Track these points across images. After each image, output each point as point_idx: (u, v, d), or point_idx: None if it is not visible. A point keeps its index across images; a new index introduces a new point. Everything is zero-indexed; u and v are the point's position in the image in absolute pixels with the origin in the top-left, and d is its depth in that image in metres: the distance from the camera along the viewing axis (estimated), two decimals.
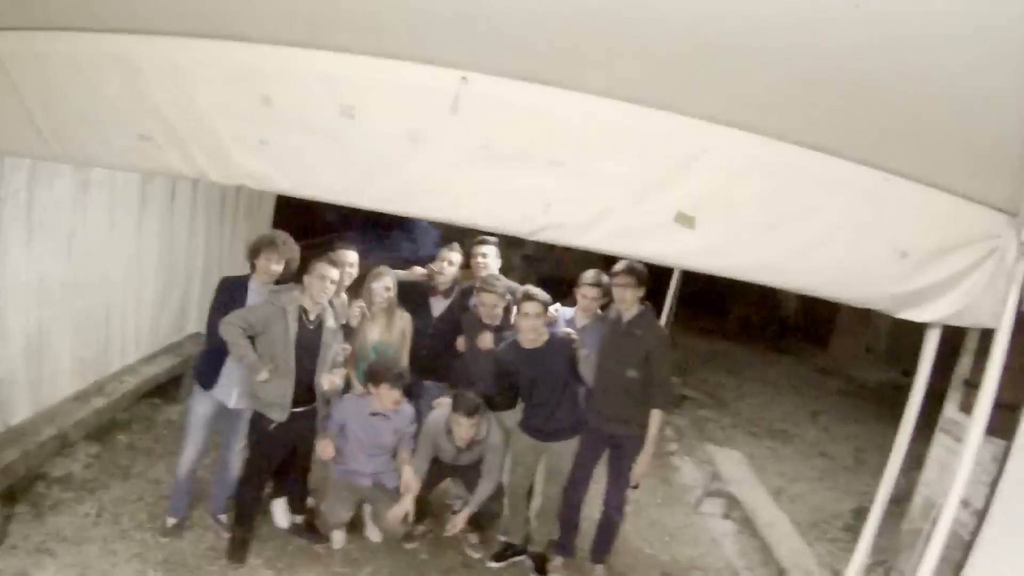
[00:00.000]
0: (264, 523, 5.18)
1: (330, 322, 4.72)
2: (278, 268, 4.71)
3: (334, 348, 4.78)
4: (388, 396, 4.80)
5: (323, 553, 5.10)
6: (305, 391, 4.69)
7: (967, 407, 5.98)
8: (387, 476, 5.06)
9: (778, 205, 3.25)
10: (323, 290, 4.54)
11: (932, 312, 3.52)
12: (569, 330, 5.04)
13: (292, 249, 4.82)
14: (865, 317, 13.20)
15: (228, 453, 4.93)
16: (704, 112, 3.02)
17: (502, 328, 5.31)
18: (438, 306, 5.61)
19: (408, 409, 5.07)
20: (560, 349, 4.90)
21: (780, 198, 3.24)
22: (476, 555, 5.38)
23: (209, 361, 4.73)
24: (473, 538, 5.45)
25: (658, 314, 5.61)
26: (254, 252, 4.74)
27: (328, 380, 4.75)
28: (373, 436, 4.97)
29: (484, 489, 5.03)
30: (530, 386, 5.00)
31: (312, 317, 4.61)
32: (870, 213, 3.29)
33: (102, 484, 5.31)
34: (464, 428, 4.78)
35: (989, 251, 3.33)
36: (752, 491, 6.34)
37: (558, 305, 5.44)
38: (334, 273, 4.57)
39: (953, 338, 4.25)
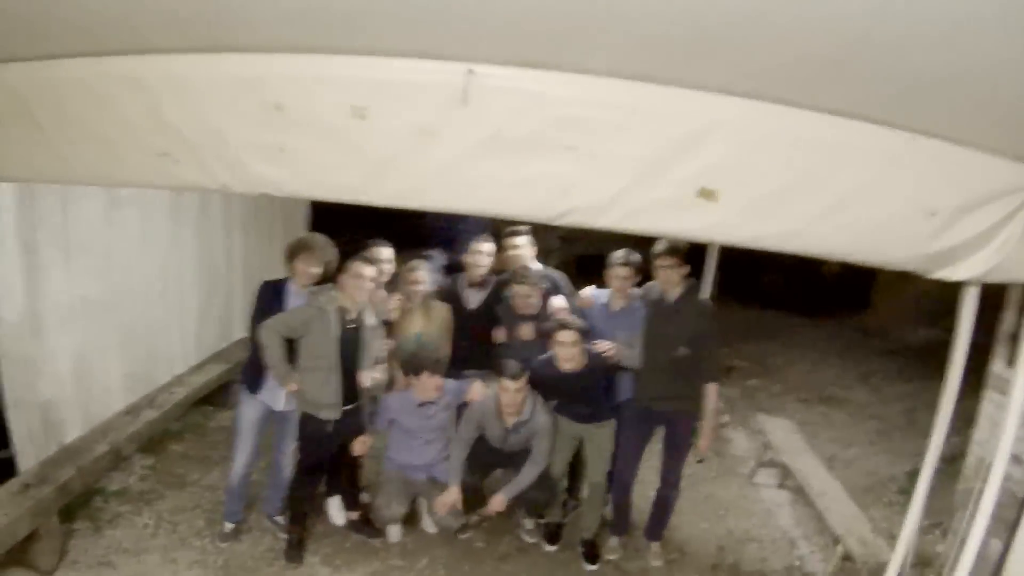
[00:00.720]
0: (320, 522, 5.30)
1: (370, 320, 4.77)
2: (317, 271, 4.75)
3: (376, 345, 4.83)
4: (429, 383, 4.88)
5: (380, 547, 5.20)
6: (350, 390, 4.75)
7: (1014, 362, 5.88)
8: (439, 469, 5.15)
9: (798, 172, 3.20)
10: (359, 288, 4.58)
11: (966, 270, 3.45)
12: (606, 345, 4.98)
13: (330, 251, 4.88)
14: (906, 277, 12.82)
15: (279, 455, 5.03)
16: (714, 84, 2.98)
17: (540, 317, 5.32)
18: (474, 298, 5.62)
19: (452, 385, 5.13)
20: (598, 368, 4.92)
21: (799, 165, 3.19)
22: (531, 540, 5.44)
23: (255, 365, 4.78)
24: (528, 524, 5.50)
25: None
26: (291, 255, 4.79)
27: (368, 376, 4.80)
28: (424, 423, 5.06)
29: (530, 471, 5.03)
30: (568, 398, 5.08)
31: (352, 316, 4.65)
32: (893, 174, 3.23)
33: (158, 495, 5.46)
34: (511, 394, 4.80)
35: (1019, 204, 3.27)
36: (803, 459, 6.28)
37: (593, 287, 5.43)
38: (370, 271, 4.61)
39: (997, 294, 4.16)
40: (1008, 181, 3.25)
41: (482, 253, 5.55)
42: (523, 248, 5.66)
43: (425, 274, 5.30)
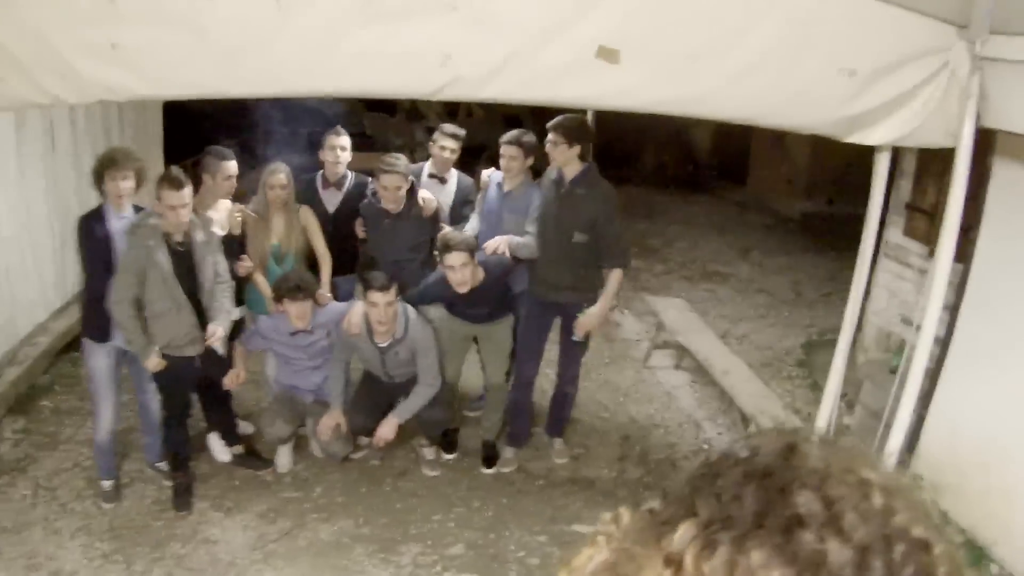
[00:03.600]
0: (205, 461, 4.83)
1: (199, 236, 4.19)
2: (128, 185, 4.12)
3: (209, 262, 4.25)
4: (294, 312, 4.41)
5: (271, 480, 4.78)
6: (197, 315, 4.24)
7: (912, 231, 5.87)
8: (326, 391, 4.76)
9: (706, 31, 2.97)
10: (177, 219, 4.00)
11: (883, 133, 3.35)
12: (496, 242, 4.61)
13: (135, 158, 4.23)
14: (781, 149, 13.03)
15: (145, 397, 4.51)
16: None
17: (405, 215, 4.85)
18: (332, 200, 5.13)
19: (333, 308, 4.69)
20: (497, 273, 4.55)
21: (709, 23, 2.95)
22: (432, 473, 4.97)
23: (96, 313, 4.16)
24: (428, 453, 5.03)
25: None
26: (98, 177, 4.12)
27: (212, 330, 4.28)
28: (301, 354, 4.65)
29: (421, 393, 4.62)
30: (464, 306, 4.74)
31: (179, 239, 4.11)
32: (810, 32, 3.04)
33: (33, 459, 4.83)
34: (380, 309, 4.29)
35: (940, 66, 3.14)
36: (700, 338, 6.12)
37: (492, 170, 5.12)
38: (178, 197, 3.96)
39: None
40: (930, 41, 3.12)
41: (338, 148, 5.01)
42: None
43: (286, 177, 4.73)
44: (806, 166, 12.67)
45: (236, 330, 4.77)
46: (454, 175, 5.34)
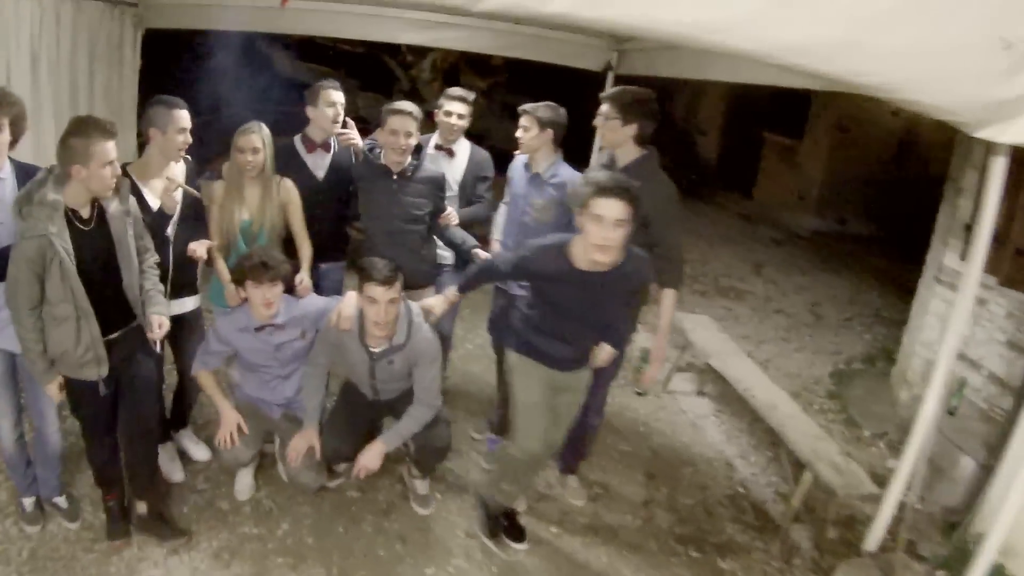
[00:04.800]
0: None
1: (112, 206, 3.14)
2: (3, 138, 3.00)
3: (128, 241, 3.20)
4: (257, 298, 3.48)
5: (227, 509, 3.86)
6: (114, 311, 3.20)
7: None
8: (299, 404, 3.86)
9: None
10: (102, 184, 3.00)
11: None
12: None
13: (11, 100, 3.01)
14: (793, 163, 12.44)
15: (41, 421, 3.45)
16: None
17: (410, 176, 4.01)
18: (319, 164, 4.23)
19: (312, 302, 3.79)
20: (637, 271, 3.33)
21: None
22: (424, 511, 4.04)
23: None
24: (420, 486, 4.11)
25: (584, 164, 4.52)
26: None
27: (156, 323, 3.30)
28: (269, 359, 3.72)
29: (415, 417, 3.72)
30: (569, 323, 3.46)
31: (86, 215, 3.06)
32: None
33: None
34: (380, 306, 3.38)
35: None
36: (737, 364, 5.26)
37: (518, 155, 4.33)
38: (109, 149, 2.95)
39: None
40: None
41: (338, 105, 4.14)
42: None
43: (260, 139, 3.79)
44: (818, 182, 12.09)
45: (186, 329, 3.84)
46: (464, 146, 4.50)
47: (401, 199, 3.99)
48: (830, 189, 11.98)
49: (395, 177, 3.97)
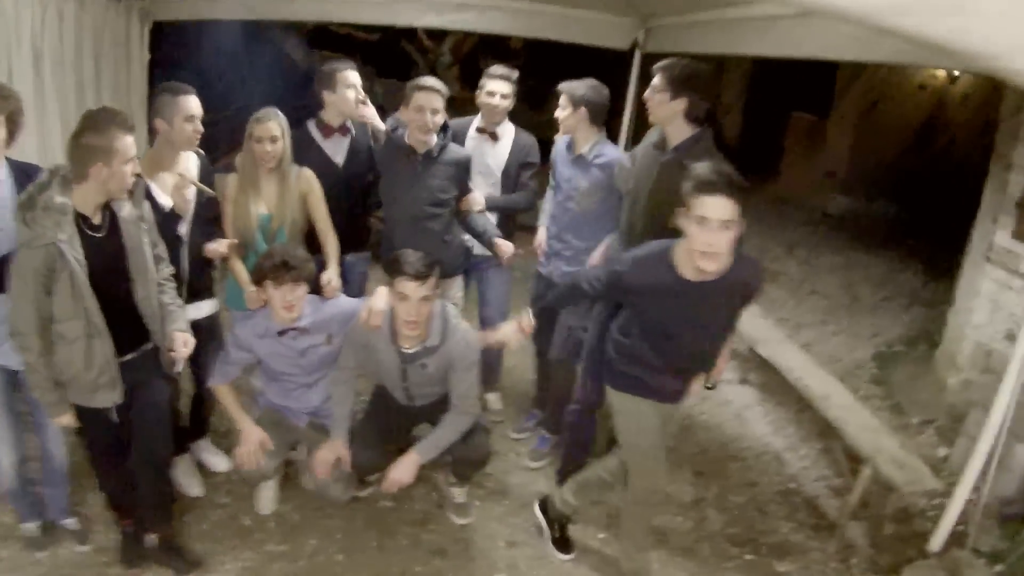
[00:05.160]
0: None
1: (125, 211, 2.86)
2: None
3: (145, 249, 2.92)
4: (278, 300, 3.23)
5: (251, 525, 3.64)
6: (128, 329, 2.91)
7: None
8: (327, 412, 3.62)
9: None
10: (121, 183, 2.74)
11: None
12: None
13: (6, 94, 2.74)
14: (819, 143, 12.11)
15: (45, 439, 3.22)
16: None
17: (435, 157, 3.74)
18: (337, 150, 3.97)
19: (340, 304, 3.53)
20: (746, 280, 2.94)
21: None
22: (462, 520, 3.79)
23: None
24: (458, 494, 3.86)
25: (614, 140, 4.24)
26: None
27: (180, 341, 3.06)
28: (292, 366, 3.48)
29: (452, 425, 3.46)
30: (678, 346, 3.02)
31: (97, 221, 2.79)
32: None
33: None
34: (413, 304, 3.14)
35: None
36: (785, 351, 5.00)
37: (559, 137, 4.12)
38: (129, 143, 2.70)
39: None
40: None
41: (355, 87, 3.88)
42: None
43: (279, 127, 3.53)
44: (846, 161, 11.77)
45: (204, 335, 3.51)
46: (509, 130, 4.22)
47: (426, 182, 3.74)
48: (857, 168, 11.64)
49: (420, 158, 3.72)
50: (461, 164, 3.84)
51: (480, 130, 4.18)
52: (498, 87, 4.06)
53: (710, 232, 2.56)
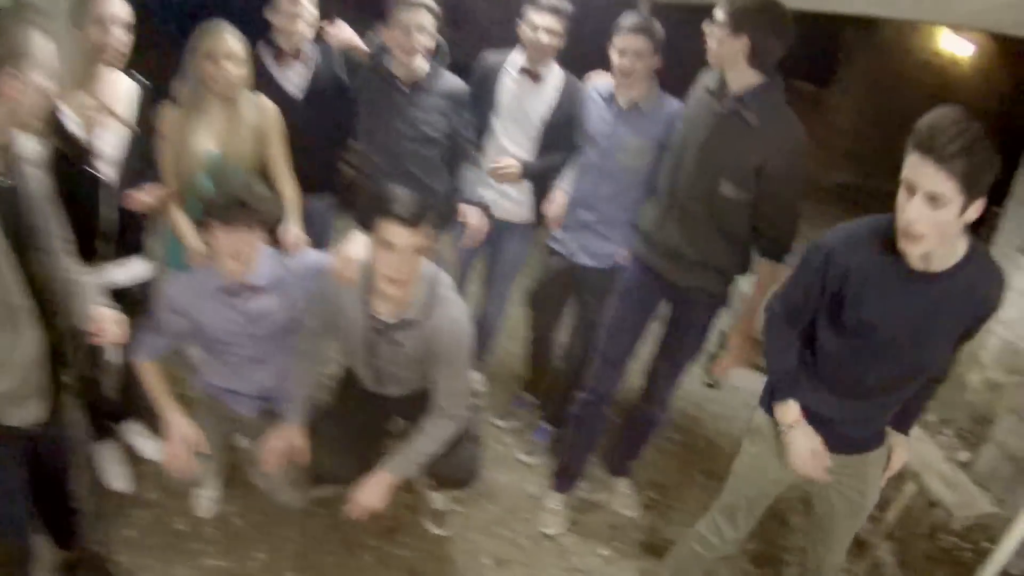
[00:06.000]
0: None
1: (29, 148, 2.01)
2: None
3: (43, 210, 2.03)
4: (226, 246, 2.50)
5: (187, 530, 2.99)
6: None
7: None
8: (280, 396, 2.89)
9: None
10: (41, 103, 1.87)
11: None
12: None
13: None
14: (820, 112, 11.64)
15: None
16: None
17: (426, 87, 3.16)
18: (294, 79, 3.28)
19: (305, 260, 2.83)
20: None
21: None
22: (440, 531, 3.19)
23: None
24: (438, 500, 3.23)
25: None
26: None
27: (100, 313, 2.22)
28: (239, 331, 2.74)
29: (432, 432, 2.73)
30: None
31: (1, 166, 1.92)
32: None
33: None
34: (398, 255, 2.41)
35: None
36: None
37: (591, 75, 3.40)
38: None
39: None
40: None
41: (301, 4, 3.17)
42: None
43: (239, 44, 2.85)
44: (847, 132, 11.34)
45: (139, 307, 2.82)
46: (556, 73, 3.43)
47: (411, 113, 3.15)
48: (858, 141, 11.26)
49: (406, 88, 3.12)
50: (456, 97, 3.24)
51: (524, 70, 3.40)
52: (544, 21, 3.26)
53: (911, 204, 1.82)
